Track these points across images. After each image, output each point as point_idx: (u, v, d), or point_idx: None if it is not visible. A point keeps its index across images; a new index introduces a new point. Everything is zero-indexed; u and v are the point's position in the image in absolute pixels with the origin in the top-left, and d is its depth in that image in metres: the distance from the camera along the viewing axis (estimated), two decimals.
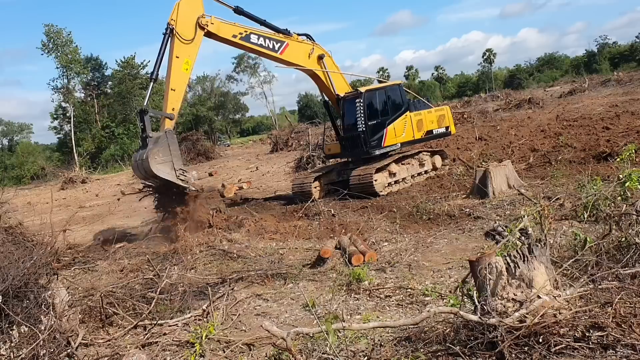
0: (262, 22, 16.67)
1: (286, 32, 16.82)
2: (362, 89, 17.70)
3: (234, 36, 15.79)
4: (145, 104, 14.63)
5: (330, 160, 20.72)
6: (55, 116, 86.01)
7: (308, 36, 17.51)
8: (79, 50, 78.61)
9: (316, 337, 6.15)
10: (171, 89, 14.35)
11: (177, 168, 13.43)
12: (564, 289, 5.56)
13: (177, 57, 14.45)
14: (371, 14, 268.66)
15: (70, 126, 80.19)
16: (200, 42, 15.03)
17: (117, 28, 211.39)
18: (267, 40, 16.31)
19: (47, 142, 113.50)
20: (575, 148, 18.07)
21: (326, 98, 18.57)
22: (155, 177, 13.37)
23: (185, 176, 13.52)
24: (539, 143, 20.09)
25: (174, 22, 14.47)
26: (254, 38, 16.07)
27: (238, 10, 16.09)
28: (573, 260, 6.53)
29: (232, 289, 9.16)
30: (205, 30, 15.01)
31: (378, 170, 16.73)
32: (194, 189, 13.71)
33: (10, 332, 6.24)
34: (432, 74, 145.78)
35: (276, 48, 16.48)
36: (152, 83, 15.12)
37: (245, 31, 15.98)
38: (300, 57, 17.15)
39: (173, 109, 14.28)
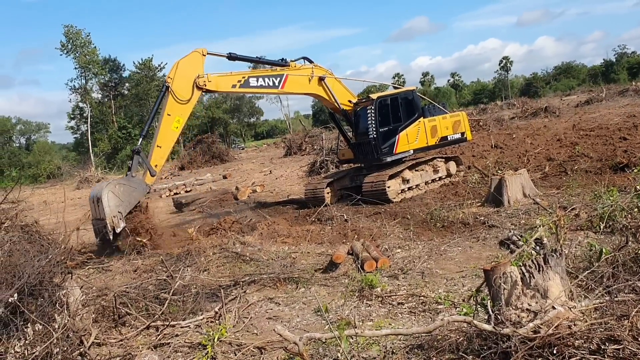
0: (258, 60, 16.77)
1: (283, 63, 16.81)
2: (374, 96, 17.66)
3: (234, 86, 15.86)
4: (139, 144, 14.73)
5: (344, 165, 20.71)
6: (72, 116, 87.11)
7: (306, 59, 17.42)
8: (97, 52, 79.48)
9: (328, 343, 6.14)
10: (157, 146, 14.36)
11: (120, 210, 13.33)
12: (579, 300, 5.51)
13: (169, 114, 14.46)
14: (387, 19, 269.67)
15: (87, 126, 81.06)
16: (195, 102, 15.18)
17: (135, 30, 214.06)
18: (265, 79, 16.29)
19: (63, 142, 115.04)
20: (592, 158, 17.90)
21: (331, 110, 18.61)
22: (98, 200, 13.31)
23: (117, 220, 13.25)
24: (555, 152, 19.93)
25: (170, 80, 14.53)
26: (252, 81, 16.05)
27: (232, 57, 16.04)
28: (589, 271, 6.48)
29: (245, 291, 9.17)
30: (204, 89, 15.09)
31: (391, 177, 16.67)
32: (110, 237, 13.17)
33: (25, 329, 6.29)
34: (448, 80, 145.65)
35: (276, 84, 16.43)
36: (140, 139, 15.06)
37: (243, 77, 15.96)
38: (301, 85, 17.14)
39: (156, 166, 14.31)
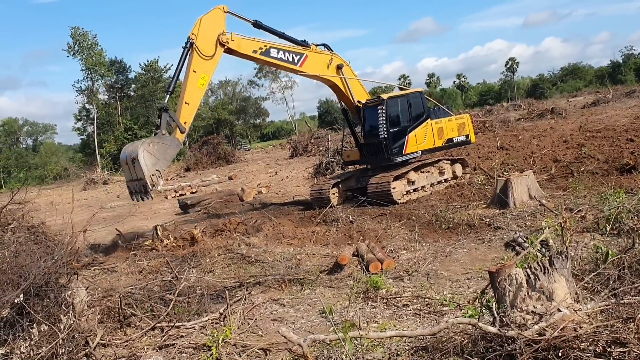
0: (281, 35, 16.77)
1: (305, 44, 16.86)
2: (384, 96, 17.66)
3: (255, 51, 15.85)
4: (166, 101, 14.73)
5: (349, 166, 20.71)
6: (78, 117, 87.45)
7: (326, 46, 17.51)
8: (103, 53, 79.75)
9: (333, 344, 6.13)
10: (185, 103, 14.34)
11: (157, 168, 13.25)
12: (584, 303, 5.49)
13: (195, 71, 14.45)
14: (392, 21, 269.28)
15: (94, 127, 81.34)
16: (219, 59, 15.09)
17: (142, 32, 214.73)
18: (286, 54, 16.36)
19: (70, 143, 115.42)
20: (598, 159, 17.82)
21: (345, 106, 18.59)
22: (134, 161, 13.16)
23: (156, 178, 13.24)
24: (561, 154, 19.86)
25: (194, 36, 14.50)
26: (273, 52, 16.11)
27: (257, 25, 16.12)
28: (595, 273, 6.45)
29: (249, 293, 9.19)
30: (226, 47, 15.07)
31: (396, 178, 16.66)
32: (152, 196, 13.31)
33: (31, 330, 6.32)
34: (454, 81, 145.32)
35: (295, 60, 16.50)
36: (167, 95, 15.15)
37: (265, 45, 16.00)
38: (319, 68, 17.18)
39: (185, 123, 14.26)
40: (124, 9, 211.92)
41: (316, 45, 17.15)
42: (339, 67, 17.38)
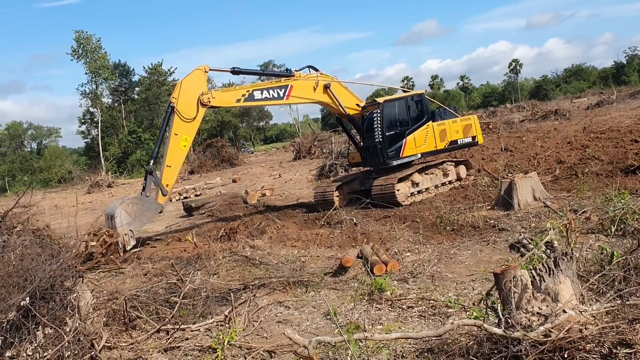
0: (262, 73, 16.87)
1: (288, 74, 16.82)
2: (381, 100, 17.64)
3: (238, 100, 15.95)
4: (151, 164, 15.01)
5: (353, 168, 20.71)
6: (83, 121, 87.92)
7: (311, 67, 17.42)
8: (107, 57, 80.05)
9: (338, 347, 6.13)
10: (167, 165, 14.67)
11: (131, 228, 13.85)
12: (590, 304, 5.47)
13: (176, 134, 14.69)
14: (396, 23, 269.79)
15: (98, 131, 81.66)
16: (202, 118, 15.30)
17: (145, 35, 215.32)
18: (270, 92, 16.34)
19: (74, 146, 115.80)
20: (603, 161, 17.79)
21: (338, 115, 18.64)
22: (112, 218, 13.78)
23: (128, 238, 13.77)
24: (565, 155, 19.82)
25: (175, 100, 14.74)
26: (257, 94, 16.13)
27: (235, 72, 16.25)
28: (600, 275, 6.43)
29: (254, 295, 9.19)
30: (209, 106, 15.24)
31: (400, 180, 16.64)
32: (121, 254, 13.45)
33: (36, 332, 6.34)
34: (457, 83, 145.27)
35: (281, 95, 16.48)
36: (152, 160, 15.28)
37: (247, 91, 16.03)
38: (306, 93, 17.13)
39: (167, 185, 14.60)
40: (127, 13, 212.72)
41: (299, 70, 17.05)
42: (326, 87, 17.24)
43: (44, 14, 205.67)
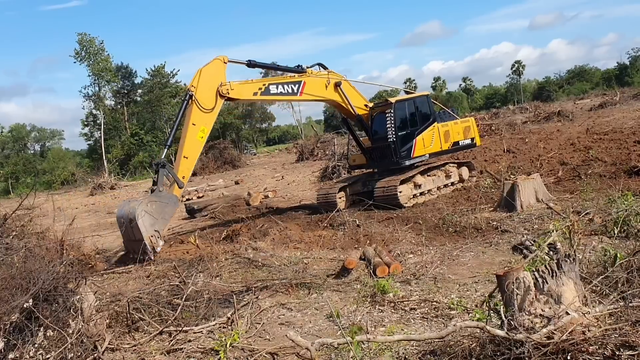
0: (276, 67, 16.79)
1: (300, 70, 16.80)
2: (393, 100, 17.72)
3: (255, 93, 15.83)
4: (163, 156, 14.49)
5: (356, 170, 20.73)
6: (86, 123, 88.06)
7: (321, 65, 17.45)
8: (110, 59, 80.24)
9: (340, 348, 6.13)
10: (184, 156, 14.07)
11: (156, 228, 13.02)
12: (593, 306, 5.46)
13: (194, 124, 14.19)
14: (399, 24, 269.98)
15: (101, 133, 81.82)
16: (219, 110, 14.99)
17: (148, 37, 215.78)
18: (285, 87, 16.29)
19: (77, 148, 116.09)
20: (606, 162, 17.74)
21: (346, 116, 18.63)
22: (131, 222, 12.86)
23: (155, 239, 12.96)
24: (568, 156, 19.79)
25: (194, 88, 14.28)
26: (273, 88, 16.06)
27: (251, 64, 16.04)
28: (603, 276, 6.41)
29: (257, 297, 9.19)
30: (227, 97, 14.97)
31: (403, 182, 16.65)
32: (152, 257, 12.61)
33: (39, 334, 6.35)
34: (460, 85, 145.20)
35: (295, 90, 16.45)
36: (165, 149, 14.83)
37: (264, 84, 15.97)
38: (318, 91, 17.11)
39: (183, 177, 13.98)
40: (130, 15, 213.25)
41: (309, 67, 17.07)
42: (337, 85, 17.29)
43: (48, 16, 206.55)
